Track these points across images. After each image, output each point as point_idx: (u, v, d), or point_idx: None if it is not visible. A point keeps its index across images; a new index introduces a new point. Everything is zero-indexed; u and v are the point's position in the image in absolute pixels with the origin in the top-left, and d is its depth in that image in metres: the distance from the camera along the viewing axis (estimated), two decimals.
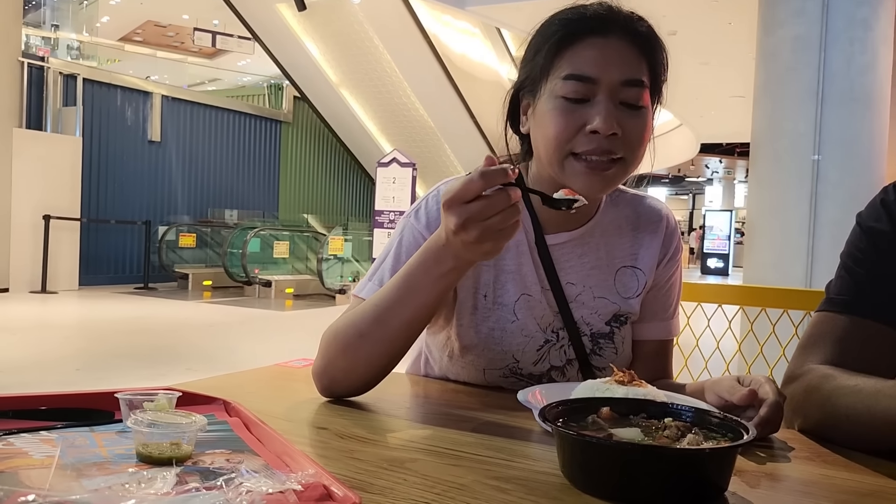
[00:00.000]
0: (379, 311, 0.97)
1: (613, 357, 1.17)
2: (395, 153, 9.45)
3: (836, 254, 4.28)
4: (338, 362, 1.01)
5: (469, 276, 1.12)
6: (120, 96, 11.67)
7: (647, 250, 1.19)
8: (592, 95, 1.01)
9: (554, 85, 1.03)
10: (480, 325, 1.13)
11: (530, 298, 1.14)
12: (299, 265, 12.16)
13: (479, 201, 0.82)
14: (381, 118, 14.03)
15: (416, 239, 1.10)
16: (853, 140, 5.11)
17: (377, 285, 1.07)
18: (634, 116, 1.02)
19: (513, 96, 1.13)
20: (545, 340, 1.15)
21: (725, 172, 29.81)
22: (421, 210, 1.13)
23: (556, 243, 1.14)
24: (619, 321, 1.17)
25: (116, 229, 11.48)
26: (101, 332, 7.19)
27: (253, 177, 14.00)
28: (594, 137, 1.00)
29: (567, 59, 1.02)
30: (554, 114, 1.02)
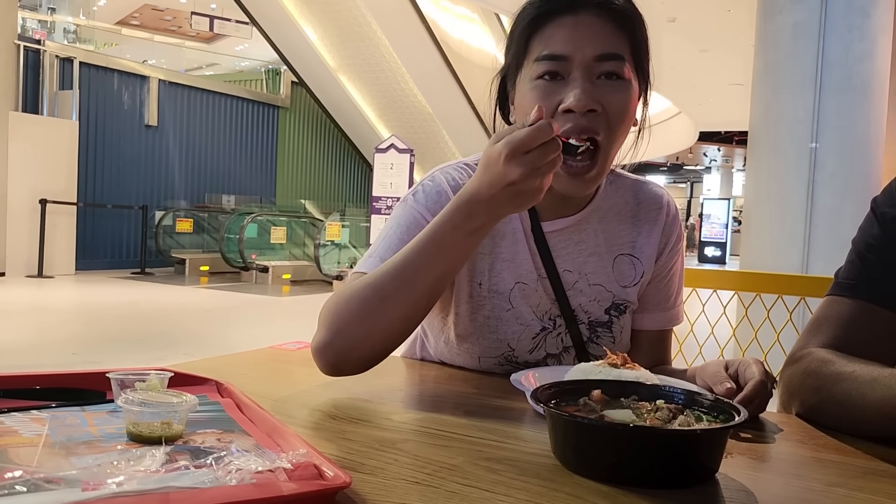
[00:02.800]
0: (404, 271, 0.92)
1: (611, 346, 1.16)
2: (392, 139, 9.43)
3: (833, 241, 4.34)
4: (351, 331, 0.94)
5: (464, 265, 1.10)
6: (117, 80, 11.62)
7: (647, 239, 1.17)
8: (567, 73, 0.99)
9: (529, 69, 1.01)
10: (476, 314, 1.12)
11: (526, 287, 1.12)
12: (296, 251, 12.15)
13: (537, 149, 0.82)
14: (379, 104, 13.99)
15: (416, 219, 1.07)
16: (851, 128, 5.11)
17: (379, 261, 1.01)
18: (615, 90, 0.99)
19: (500, 87, 1.11)
20: (541, 328, 1.13)
21: (724, 161, 29.79)
22: (419, 193, 1.11)
23: (553, 230, 1.12)
24: (617, 310, 1.16)
25: (113, 214, 11.45)
26: (97, 317, 7.19)
27: (250, 162, 13.97)
28: (570, 116, 0.98)
29: (539, 39, 1.01)
30: (530, 96, 1.00)
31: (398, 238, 1.06)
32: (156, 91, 12.07)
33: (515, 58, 1.04)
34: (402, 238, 1.05)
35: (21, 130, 9.88)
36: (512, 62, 1.05)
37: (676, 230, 1.19)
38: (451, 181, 1.11)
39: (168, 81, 12.36)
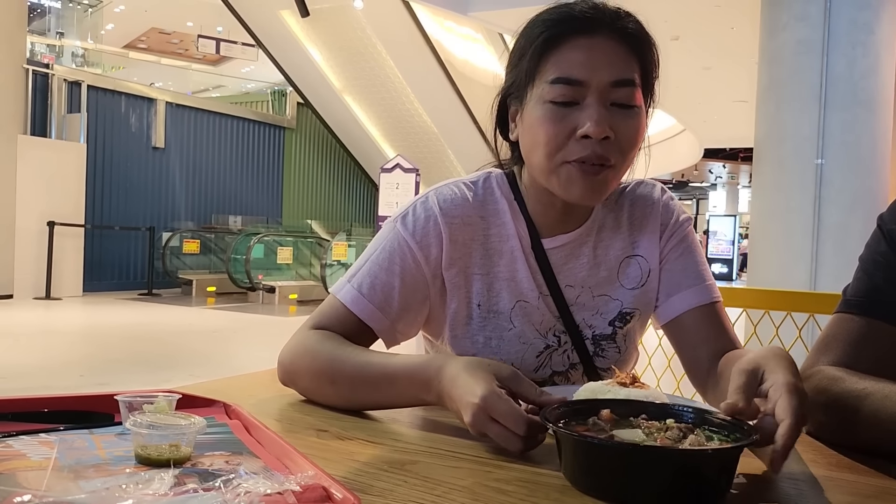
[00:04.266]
0: (355, 380, 0.96)
1: (616, 357, 1.14)
2: (398, 159, 9.45)
3: (840, 258, 4.34)
4: (301, 385, 1.03)
5: (460, 287, 1.09)
6: (124, 103, 11.71)
7: (645, 234, 1.14)
8: (581, 98, 0.97)
9: (541, 89, 0.99)
10: (476, 336, 1.10)
11: (527, 305, 1.10)
12: (303, 271, 12.17)
13: (502, 428, 0.77)
14: (385, 124, 14.05)
15: (400, 246, 1.07)
16: (856, 144, 5.11)
17: (355, 290, 1.06)
18: (627, 117, 0.99)
19: (500, 102, 1.09)
20: (545, 346, 1.12)
21: (729, 177, 29.78)
22: (409, 216, 1.09)
23: (553, 247, 1.11)
24: (623, 319, 1.13)
25: (120, 235, 11.50)
26: (104, 339, 7.19)
27: (257, 183, 14.02)
28: (586, 143, 0.97)
29: (553, 61, 0.99)
30: (543, 120, 0.98)
31: (378, 265, 1.07)
32: (163, 113, 12.15)
33: (527, 75, 1.01)
34: (382, 264, 1.06)
35: (30, 153, 9.95)
36: (521, 79, 1.03)
37: (674, 213, 1.16)
38: (443, 202, 1.09)
39: (175, 104, 12.45)
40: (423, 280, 1.08)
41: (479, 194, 1.11)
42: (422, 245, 1.07)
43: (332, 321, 1.06)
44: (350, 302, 1.06)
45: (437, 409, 1.04)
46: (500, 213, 1.11)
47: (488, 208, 1.11)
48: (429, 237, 1.07)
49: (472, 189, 1.12)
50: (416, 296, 1.08)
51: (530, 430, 0.76)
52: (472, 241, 1.09)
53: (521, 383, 0.82)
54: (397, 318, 1.07)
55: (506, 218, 1.10)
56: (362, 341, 1.06)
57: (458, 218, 1.08)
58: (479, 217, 1.10)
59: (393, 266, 1.06)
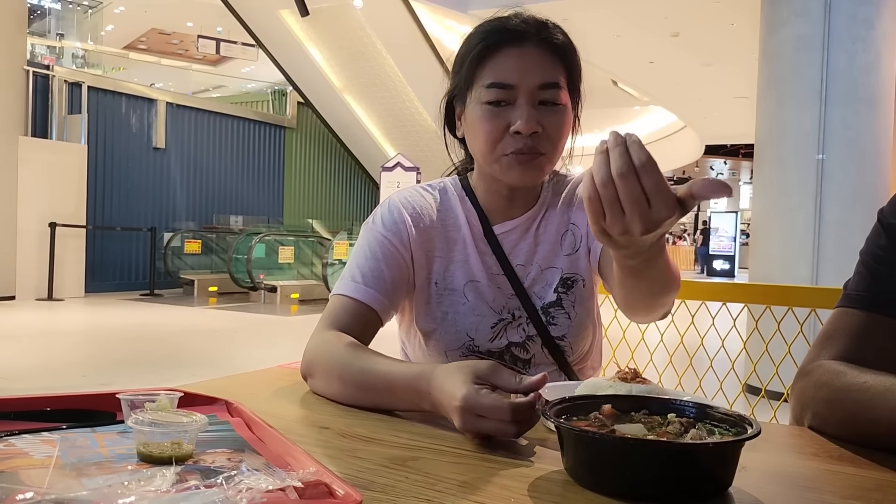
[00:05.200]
0: (360, 384, 1.01)
1: (568, 323, 1.24)
2: (398, 157, 9.47)
3: (842, 253, 4.34)
4: (317, 380, 1.08)
5: (423, 267, 1.24)
6: (125, 104, 11.71)
7: (577, 206, 1.28)
8: (513, 100, 1.12)
9: (479, 93, 1.14)
10: (435, 311, 1.23)
11: (478, 285, 1.24)
12: (304, 270, 12.17)
13: (490, 422, 0.81)
14: (385, 123, 14.06)
15: (376, 238, 1.23)
16: (857, 139, 5.11)
17: (351, 281, 1.19)
18: (554, 113, 1.13)
19: (447, 104, 1.24)
20: (499, 319, 1.23)
21: (730, 174, 29.79)
22: (377, 216, 1.26)
23: (503, 231, 1.25)
24: (565, 285, 1.25)
25: (122, 236, 11.51)
26: (106, 339, 7.20)
27: (257, 183, 14.03)
28: (519, 138, 1.12)
29: (489, 68, 1.14)
30: (482, 119, 1.14)
31: (363, 258, 1.21)
32: (163, 114, 12.16)
33: (466, 81, 1.17)
34: (366, 256, 1.21)
35: (31, 155, 9.96)
36: (461, 84, 1.18)
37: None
38: (404, 202, 1.26)
39: (175, 104, 12.46)
40: (402, 259, 1.22)
41: (434, 194, 1.29)
42: (393, 231, 1.23)
43: (340, 315, 1.16)
44: (350, 291, 1.18)
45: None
46: (453, 206, 1.27)
47: (443, 204, 1.28)
48: (397, 225, 1.23)
49: (427, 190, 1.30)
50: (401, 273, 1.22)
51: (516, 414, 0.79)
52: (431, 228, 1.25)
53: (499, 375, 0.85)
54: (391, 296, 1.20)
55: (457, 210, 1.27)
56: (369, 330, 1.17)
57: (417, 209, 1.26)
58: (435, 211, 1.27)
59: (375, 254, 1.21)
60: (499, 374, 0.85)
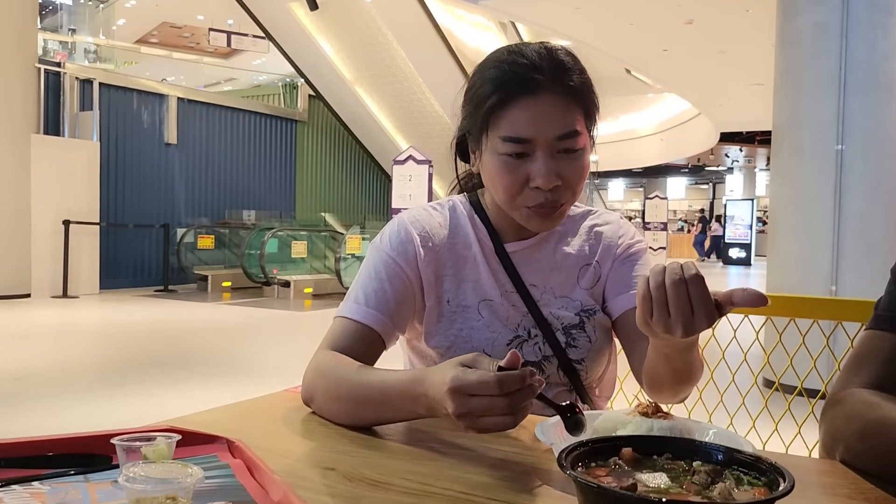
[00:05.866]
0: (356, 398, 1.01)
1: (588, 346, 1.21)
2: (410, 150, 9.40)
3: (863, 247, 4.25)
4: (317, 401, 1.07)
5: (433, 285, 1.21)
6: (136, 100, 11.72)
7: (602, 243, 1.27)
8: (532, 151, 1.09)
9: (494, 142, 1.11)
10: (449, 329, 1.21)
11: (491, 303, 1.22)
12: (317, 264, 12.16)
13: (482, 399, 0.82)
14: (397, 115, 14.00)
15: (382, 258, 1.20)
16: (878, 128, 5.00)
17: (353, 303, 1.17)
18: (573, 161, 1.11)
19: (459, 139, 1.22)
20: (514, 336, 1.20)
21: (746, 161, 29.49)
22: (384, 236, 1.24)
23: (515, 250, 1.24)
24: (587, 312, 1.23)
25: (135, 233, 11.54)
26: (121, 338, 7.22)
27: (269, 177, 14.02)
28: (539, 192, 1.11)
29: (505, 119, 1.10)
30: (499, 171, 1.11)
31: (367, 278, 1.19)
32: (174, 109, 12.16)
33: (480, 129, 1.13)
34: (371, 277, 1.19)
35: (43, 153, 9.98)
36: (475, 129, 1.15)
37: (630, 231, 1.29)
38: (413, 221, 1.23)
39: (186, 99, 12.45)
40: (407, 280, 1.19)
41: (444, 213, 1.27)
42: (399, 251, 1.20)
43: (342, 338, 1.14)
44: (352, 314, 1.16)
45: (447, 437, 1.00)
46: (462, 225, 1.25)
47: (451, 222, 1.26)
48: (404, 245, 1.21)
49: (437, 209, 1.28)
50: (406, 293, 1.19)
51: (504, 385, 0.80)
52: (440, 247, 1.23)
53: (481, 360, 0.85)
54: (395, 316, 1.17)
55: (467, 229, 1.25)
56: (371, 351, 1.14)
57: (426, 229, 1.23)
58: (444, 229, 1.25)
59: (380, 275, 1.19)
60: (480, 360, 0.85)
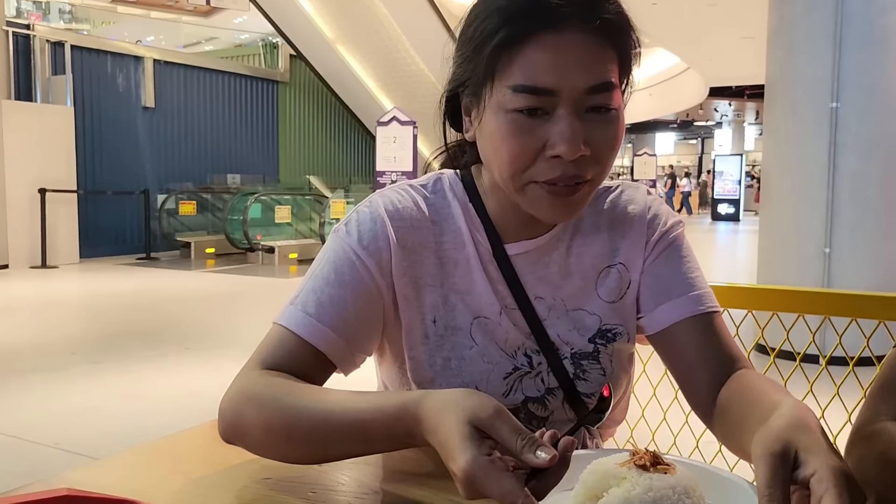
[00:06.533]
0: (317, 434, 0.79)
1: (601, 379, 0.97)
2: (394, 111, 9.17)
3: (858, 207, 4.09)
4: (251, 439, 0.84)
5: (411, 300, 0.94)
6: (110, 62, 11.37)
7: (628, 239, 0.99)
8: (552, 108, 0.81)
9: (502, 95, 0.82)
10: (434, 356, 0.94)
11: (487, 322, 0.95)
12: (303, 228, 11.96)
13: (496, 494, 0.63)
14: (380, 74, 13.68)
15: (346, 254, 0.92)
16: (874, 85, 4.83)
17: (300, 311, 0.90)
18: (605, 123, 0.83)
19: (450, 96, 0.92)
20: (514, 367, 0.95)
21: (735, 115, 29.26)
22: (352, 224, 0.94)
23: (518, 253, 0.96)
24: (604, 337, 0.97)
25: (115, 200, 11.29)
26: (100, 309, 7.06)
27: (252, 140, 13.74)
28: (557, 162, 0.82)
29: (516, 63, 0.81)
30: (506, 133, 0.82)
31: (323, 279, 0.91)
32: (151, 71, 11.81)
33: (484, 75, 0.84)
34: (328, 278, 0.91)
35: (15, 119, 9.68)
36: (476, 77, 0.85)
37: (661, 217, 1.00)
38: (389, 205, 0.95)
39: (163, 61, 12.10)
40: (376, 290, 0.92)
41: (430, 197, 0.98)
42: (370, 250, 0.92)
43: (278, 355, 0.89)
44: (295, 326, 0.89)
45: (412, 477, 0.85)
46: (454, 217, 0.96)
47: (440, 212, 0.97)
48: (377, 241, 0.92)
49: (422, 192, 0.98)
50: (372, 308, 0.92)
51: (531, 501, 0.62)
52: (422, 247, 0.95)
53: (501, 430, 0.65)
54: (353, 338, 0.91)
55: (460, 223, 0.96)
56: (317, 374, 0.89)
57: (406, 221, 0.94)
58: (429, 222, 0.96)
59: (341, 277, 0.91)
60: (501, 429, 0.65)
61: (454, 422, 0.67)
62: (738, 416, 0.82)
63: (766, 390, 0.81)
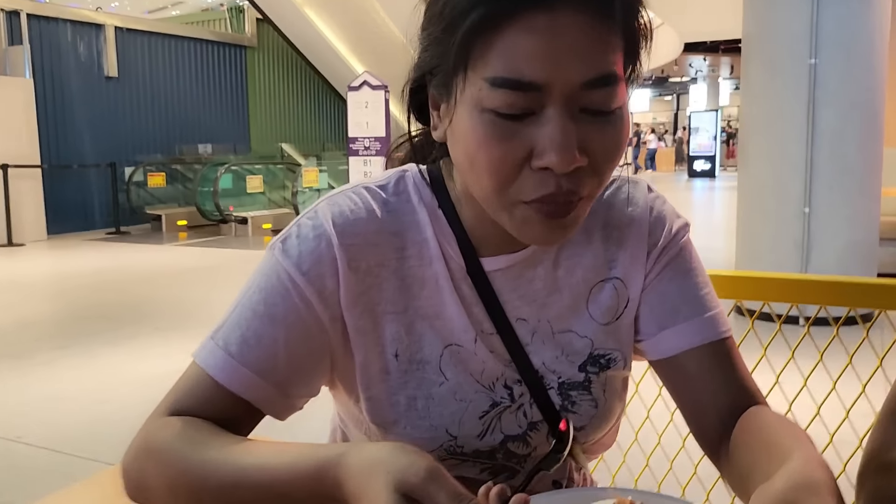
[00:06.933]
0: (228, 496, 0.68)
1: (592, 412, 0.83)
2: (365, 76, 8.96)
3: (837, 165, 4.02)
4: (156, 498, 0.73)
5: (367, 332, 0.78)
6: (70, 31, 10.98)
7: (626, 249, 0.84)
8: (540, 106, 0.64)
9: (478, 89, 0.65)
10: (397, 395, 0.79)
11: (460, 350, 0.80)
12: (276, 197, 11.75)
13: None
14: (351, 37, 13.37)
15: (281, 282, 0.75)
16: (852, 41, 4.73)
17: (220, 349, 0.75)
18: (606, 125, 0.66)
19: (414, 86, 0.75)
20: (491, 403, 0.81)
21: (710, 70, 29.11)
22: (291, 241, 0.77)
23: (497, 269, 0.80)
24: (596, 364, 0.83)
25: (81, 174, 11.00)
26: (67, 290, 6.88)
27: (220, 108, 13.41)
28: (547, 177, 0.65)
29: (495, 50, 0.64)
30: (483, 138, 0.65)
31: (251, 310, 0.76)
32: (113, 40, 11.43)
33: (455, 64, 0.66)
34: (257, 309, 0.75)
35: None
36: (446, 65, 0.67)
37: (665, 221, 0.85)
38: (338, 217, 0.77)
39: (125, 28, 11.71)
40: (317, 325, 0.76)
41: (391, 202, 0.80)
42: (311, 276, 0.75)
43: (192, 399, 0.76)
44: (214, 368, 0.75)
45: None
46: (420, 226, 0.79)
47: (403, 221, 0.79)
48: (320, 264, 0.75)
49: (380, 196, 0.80)
50: (313, 347, 0.77)
51: None
52: (381, 267, 0.78)
53: (436, 495, 0.56)
54: (286, 382, 0.76)
55: (427, 233, 0.79)
56: (241, 422, 0.76)
57: (359, 236, 0.77)
58: (389, 234, 0.79)
59: (272, 310, 0.75)
60: (436, 495, 0.56)
61: (380, 488, 0.57)
62: (745, 463, 0.71)
63: (780, 435, 0.70)
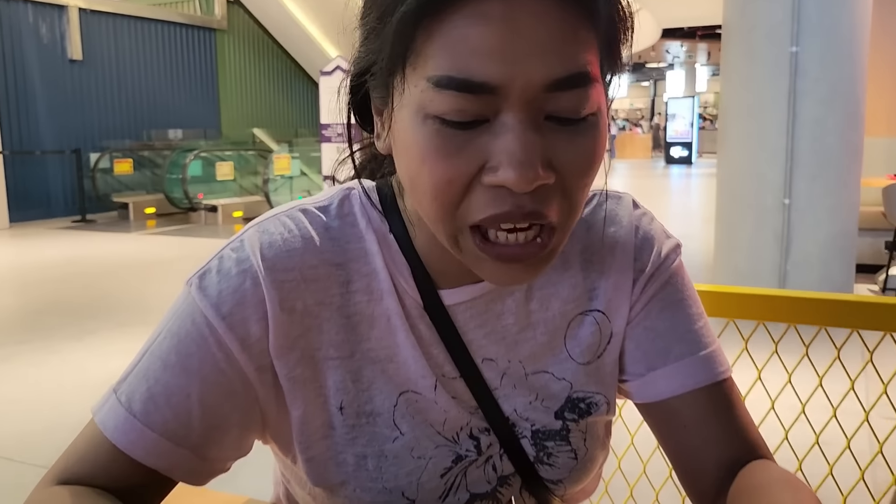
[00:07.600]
0: None
1: (571, 465, 0.71)
2: (338, 60, 8.75)
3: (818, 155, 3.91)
4: None
5: (306, 383, 0.65)
6: (31, 13, 10.60)
7: (609, 276, 0.72)
8: (493, 113, 0.52)
9: (420, 91, 0.52)
10: (343, 453, 0.66)
11: (418, 398, 0.67)
12: (247, 184, 11.51)
13: None
14: (323, 20, 13.12)
15: (196, 327, 0.62)
16: (834, 29, 4.63)
17: (122, 407, 0.61)
18: (575, 136, 0.53)
19: (353, 85, 0.62)
20: (455, 458, 0.68)
21: (687, 57, 29.11)
22: (210, 277, 0.63)
23: (458, 302, 0.67)
24: (575, 409, 0.71)
25: (44, 160, 10.67)
26: (28, 283, 6.64)
27: (189, 92, 13.09)
28: (502, 194, 0.53)
29: (437, 43, 0.51)
30: (424, 151, 0.53)
31: (161, 359, 0.62)
32: (77, 21, 11.07)
33: (392, 59, 0.54)
34: (167, 359, 0.62)
35: None
36: (380, 63, 0.56)
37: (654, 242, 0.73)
38: (267, 248, 0.63)
39: (89, 10, 11.35)
40: (240, 378, 0.63)
41: (333, 228, 0.66)
42: (232, 322, 0.61)
43: (87, 466, 0.62)
44: (113, 430, 0.61)
45: None
46: (368, 255, 0.66)
47: (348, 250, 0.66)
48: (244, 307, 0.62)
49: (320, 221, 0.66)
50: (234, 403, 0.63)
51: None
52: (321, 305, 0.65)
53: None
54: (202, 445, 0.63)
55: (376, 263, 0.66)
56: (148, 492, 0.63)
57: (293, 272, 0.63)
58: (331, 266, 0.65)
59: (185, 361, 0.62)
60: None
61: None
62: None
63: (780, 494, 0.59)
